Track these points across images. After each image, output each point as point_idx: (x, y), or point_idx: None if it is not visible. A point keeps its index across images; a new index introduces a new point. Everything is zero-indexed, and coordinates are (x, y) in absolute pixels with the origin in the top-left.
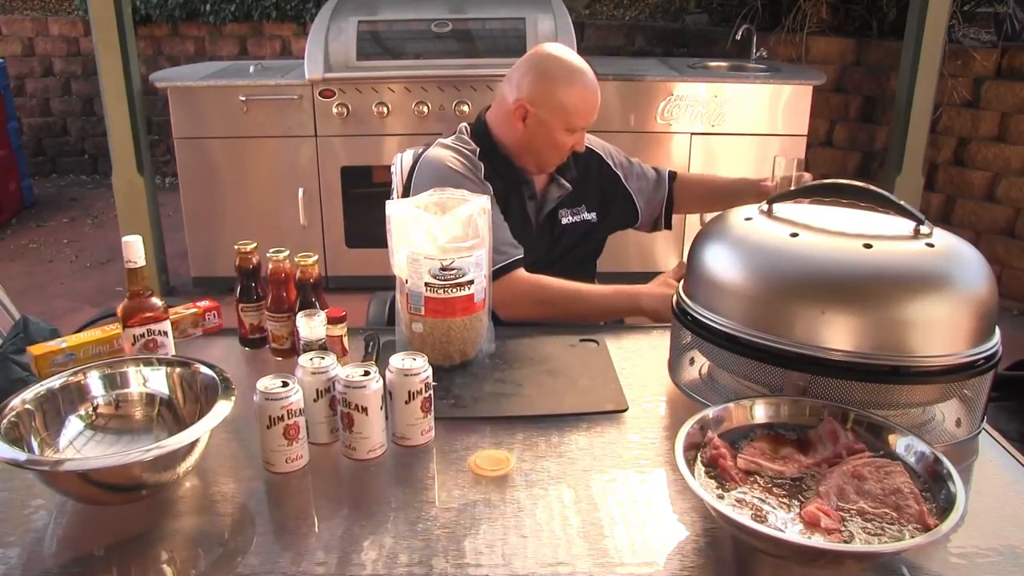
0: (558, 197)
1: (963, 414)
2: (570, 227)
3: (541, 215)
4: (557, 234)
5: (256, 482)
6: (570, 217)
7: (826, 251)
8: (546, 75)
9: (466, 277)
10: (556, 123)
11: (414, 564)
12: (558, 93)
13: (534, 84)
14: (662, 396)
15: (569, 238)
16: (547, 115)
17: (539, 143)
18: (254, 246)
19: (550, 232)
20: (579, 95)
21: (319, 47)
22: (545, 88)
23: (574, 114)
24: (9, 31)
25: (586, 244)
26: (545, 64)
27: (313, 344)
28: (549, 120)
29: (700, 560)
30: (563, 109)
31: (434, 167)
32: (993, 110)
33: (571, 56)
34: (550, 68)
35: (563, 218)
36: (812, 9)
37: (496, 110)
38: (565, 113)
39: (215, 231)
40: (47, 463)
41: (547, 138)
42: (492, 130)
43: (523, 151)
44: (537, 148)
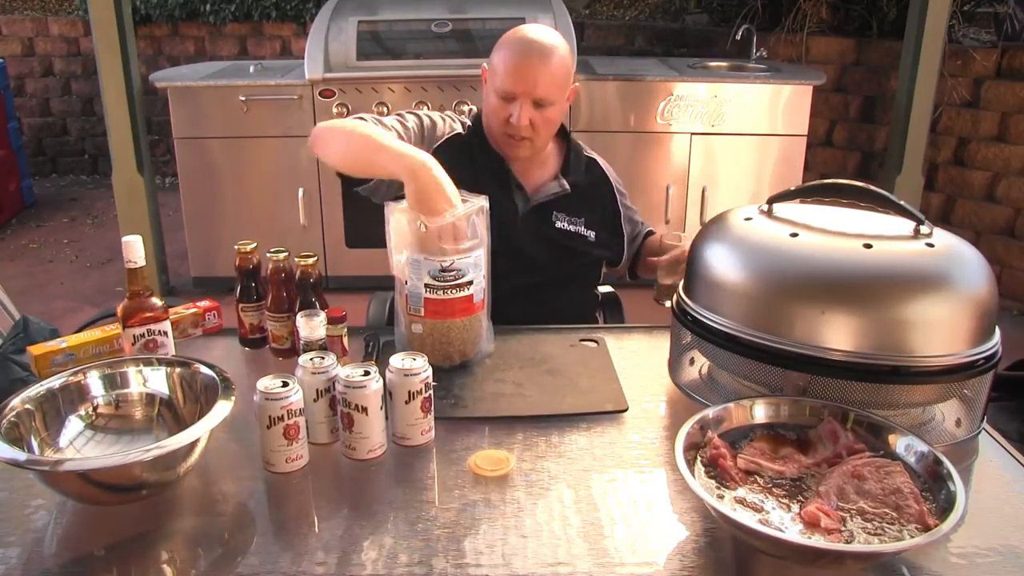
0: (554, 195)
1: (963, 414)
2: (564, 232)
3: (528, 206)
4: (549, 234)
5: (256, 482)
6: (566, 224)
7: (826, 251)
8: (502, 37)
9: (466, 278)
10: (491, 83)
11: (414, 564)
12: (495, 52)
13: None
14: (662, 396)
15: (563, 243)
16: (489, 74)
17: (487, 107)
18: (254, 246)
19: (539, 230)
20: (505, 56)
21: (319, 47)
22: (494, 49)
23: (499, 75)
24: (9, 31)
25: (581, 259)
26: (511, 30)
27: (313, 344)
28: (489, 80)
29: (700, 560)
30: (493, 67)
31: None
32: (993, 110)
33: (532, 28)
34: (508, 31)
35: (557, 221)
36: (812, 9)
37: None
38: (494, 72)
39: (215, 231)
40: (47, 463)
41: (489, 100)
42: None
43: (484, 119)
44: (487, 113)
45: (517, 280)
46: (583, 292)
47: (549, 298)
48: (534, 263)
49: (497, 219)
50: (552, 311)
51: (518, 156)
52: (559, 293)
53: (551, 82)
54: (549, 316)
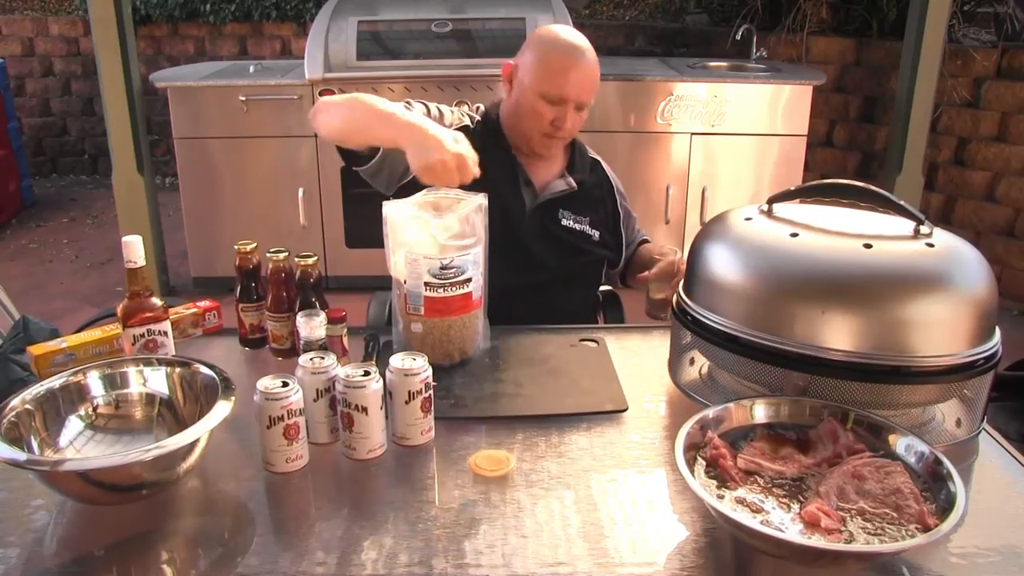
0: (561, 192)
1: (963, 414)
2: (569, 231)
3: (535, 203)
4: (556, 232)
5: (256, 482)
6: (571, 222)
7: (826, 251)
8: (533, 37)
9: (465, 275)
10: (530, 83)
11: (414, 564)
12: (535, 52)
13: (524, 48)
14: (662, 396)
15: (568, 241)
16: (524, 74)
17: (522, 109)
18: (254, 246)
19: (544, 225)
20: (549, 57)
21: (319, 47)
22: (528, 47)
23: (542, 78)
24: (9, 31)
25: (586, 257)
26: (539, 32)
27: (313, 344)
28: (524, 79)
29: (700, 560)
30: (534, 71)
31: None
32: (993, 110)
33: (564, 30)
34: (539, 32)
35: (563, 219)
36: (812, 9)
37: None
38: (536, 76)
39: (215, 231)
40: (47, 463)
41: (527, 104)
42: (500, 108)
43: (512, 119)
44: (520, 114)
45: (522, 278)
46: (586, 291)
47: (552, 296)
48: (540, 260)
49: (505, 215)
50: (555, 309)
51: (548, 154)
52: (563, 291)
53: (593, 85)
54: (552, 314)
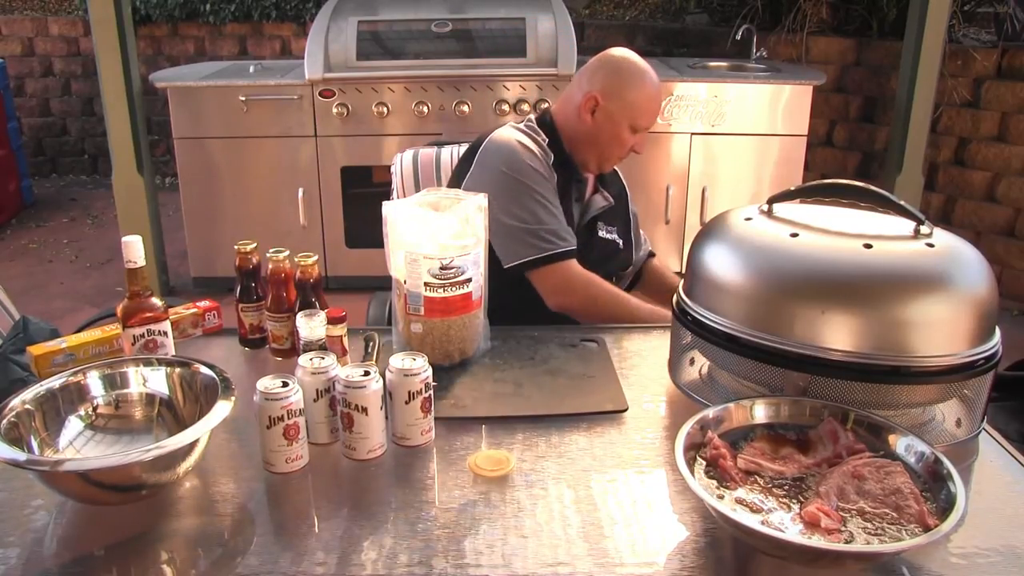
0: (600, 208)
1: (963, 414)
2: (603, 242)
3: (584, 220)
4: (595, 244)
5: (256, 482)
6: (606, 232)
7: (826, 251)
8: (618, 72)
9: (465, 275)
10: (622, 118)
11: (414, 564)
12: (628, 89)
13: (606, 79)
14: (662, 396)
15: (603, 252)
16: (615, 109)
17: (604, 137)
18: (254, 246)
19: (588, 241)
20: (647, 95)
21: (319, 47)
22: (616, 83)
23: (640, 113)
24: (9, 31)
25: (614, 263)
26: (619, 63)
27: (313, 344)
28: (616, 114)
29: (700, 560)
30: (630, 106)
31: (506, 144)
32: (993, 110)
33: (640, 60)
34: (623, 66)
35: (600, 230)
36: (812, 9)
37: (563, 105)
38: (631, 110)
39: (215, 231)
40: (47, 463)
41: (612, 132)
42: (558, 124)
43: (587, 144)
44: (602, 142)
45: None
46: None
47: None
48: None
49: None
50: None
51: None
52: None
53: None
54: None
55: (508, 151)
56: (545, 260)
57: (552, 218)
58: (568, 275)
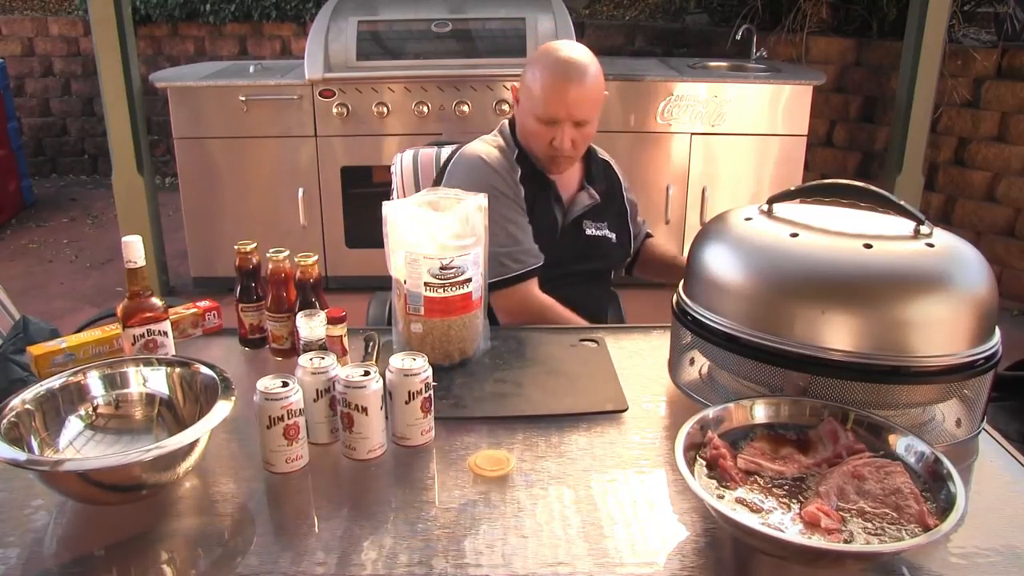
0: (586, 206)
1: (963, 414)
2: (593, 240)
3: (567, 221)
4: (582, 243)
5: (256, 482)
6: (594, 230)
7: (826, 251)
8: (532, 57)
9: (465, 275)
10: (527, 106)
11: (414, 564)
12: (528, 75)
13: (523, 69)
14: (662, 396)
15: (593, 251)
16: (523, 96)
17: (525, 130)
18: (254, 246)
19: (574, 241)
20: (542, 80)
21: (319, 47)
22: (526, 69)
23: (537, 101)
24: (9, 31)
25: (606, 260)
26: (537, 52)
27: (313, 344)
28: (524, 103)
29: (700, 560)
30: (528, 91)
31: (472, 162)
32: (993, 110)
33: (564, 47)
34: (538, 51)
35: (587, 229)
36: (812, 9)
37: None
38: (531, 98)
39: (215, 231)
40: (47, 463)
41: (524, 124)
42: (516, 128)
43: (521, 138)
44: (525, 135)
45: (547, 285)
46: (602, 290)
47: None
48: (567, 270)
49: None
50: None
51: (559, 172)
52: (583, 293)
53: (590, 102)
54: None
55: (469, 170)
56: (499, 284)
57: (511, 239)
58: (522, 298)
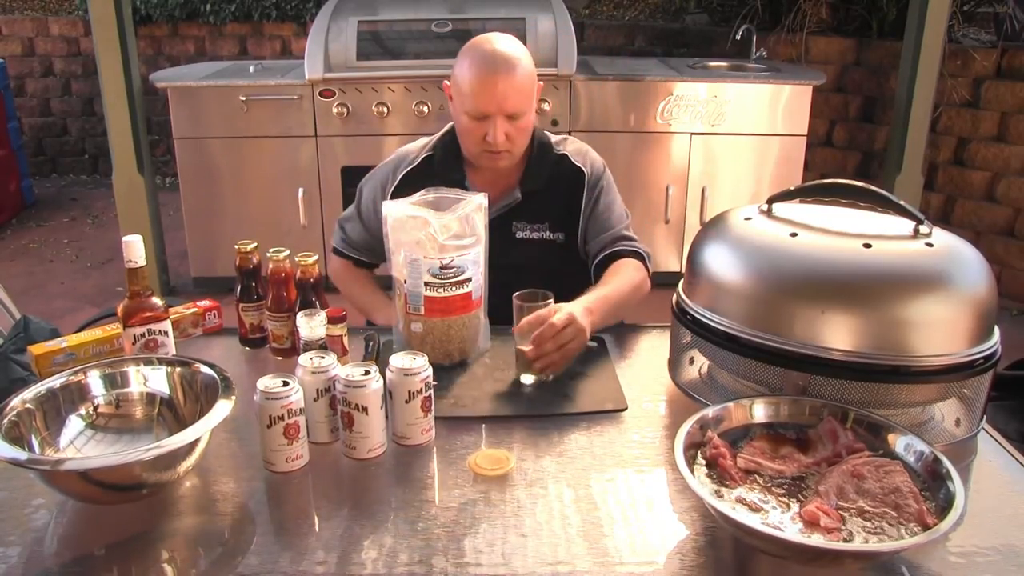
0: (506, 206)
1: (962, 414)
2: (526, 242)
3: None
4: (510, 245)
5: (256, 482)
6: (527, 232)
7: (826, 251)
8: (460, 52)
9: (465, 275)
10: (458, 102)
11: (414, 563)
12: (458, 69)
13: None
14: (662, 396)
15: (526, 252)
16: (454, 93)
17: (459, 126)
18: (254, 246)
19: (500, 240)
20: (469, 75)
21: (319, 47)
22: (455, 64)
23: (464, 95)
24: (9, 31)
25: (548, 262)
26: (468, 43)
27: (313, 344)
28: (455, 99)
29: (700, 560)
30: (459, 87)
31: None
32: (993, 110)
33: (492, 39)
34: (466, 46)
35: (517, 231)
36: (812, 9)
37: None
38: (459, 91)
39: (215, 231)
40: (48, 462)
41: (459, 120)
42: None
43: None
44: (459, 133)
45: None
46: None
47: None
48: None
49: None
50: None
51: (499, 168)
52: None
53: (519, 94)
54: None
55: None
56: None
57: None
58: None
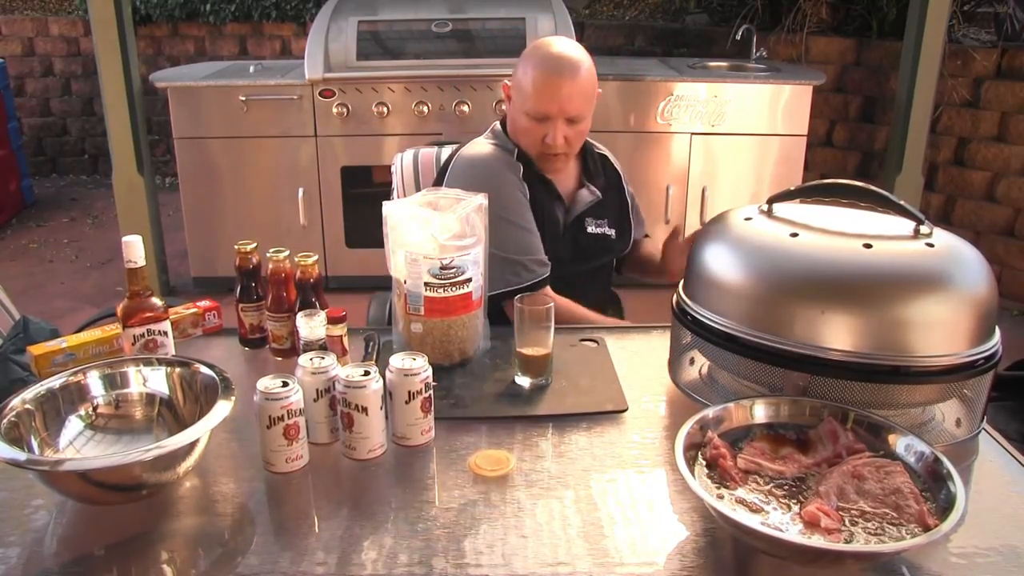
0: (587, 203)
1: (963, 414)
2: (594, 238)
3: (569, 219)
4: (583, 242)
5: (256, 482)
6: (595, 228)
7: (826, 251)
8: (523, 53)
9: (465, 275)
10: (519, 102)
11: (414, 564)
12: (520, 70)
13: (516, 62)
14: (662, 396)
15: (593, 248)
16: (515, 93)
17: (516, 128)
18: (254, 246)
19: (575, 239)
20: (532, 76)
21: (319, 47)
22: (517, 65)
23: (525, 96)
24: (9, 31)
25: (606, 257)
26: (530, 44)
27: (313, 344)
28: (516, 99)
29: (700, 560)
30: (520, 87)
31: (474, 163)
32: (993, 110)
33: (556, 43)
34: (529, 47)
35: (589, 227)
36: (812, 9)
37: None
38: (520, 93)
39: (215, 231)
40: (47, 463)
41: (518, 120)
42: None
43: (514, 136)
44: (516, 133)
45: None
46: (602, 287)
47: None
48: (567, 270)
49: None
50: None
51: (555, 170)
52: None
53: (582, 98)
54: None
55: (474, 171)
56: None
57: (524, 246)
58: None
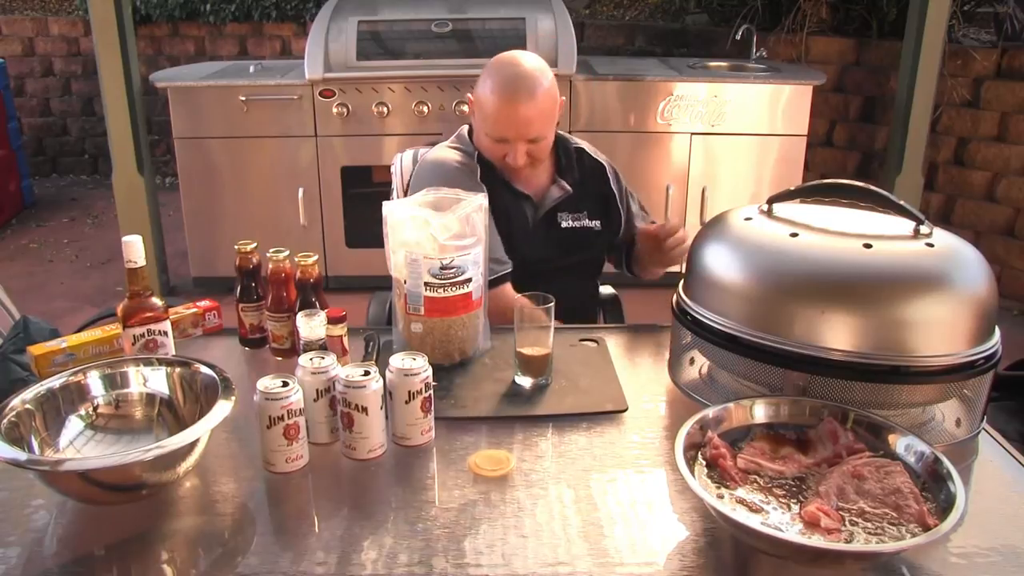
0: (557, 198)
1: (963, 414)
2: (570, 231)
3: (538, 216)
4: (556, 237)
5: (256, 482)
6: (570, 221)
7: (826, 251)
8: (484, 70)
9: (465, 275)
10: (480, 121)
11: (414, 564)
12: (480, 89)
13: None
14: (662, 396)
15: (570, 242)
16: (477, 110)
17: (479, 142)
18: (254, 246)
19: (549, 235)
20: (491, 100)
21: (319, 47)
22: (478, 81)
23: (486, 116)
24: (9, 31)
25: (589, 250)
26: (491, 62)
27: (313, 344)
28: (477, 116)
29: (700, 560)
30: (480, 106)
31: (432, 166)
32: (993, 110)
33: (515, 60)
34: (489, 64)
35: (563, 222)
36: (812, 9)
37: None
38: (481, 112)
39: (215, 231)
40: (47, 463)
41: (480, 138)
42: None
43: (477, 146)
44: (479, 146)
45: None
46: (585, 283)
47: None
48: (544, 266)
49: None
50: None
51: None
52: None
53: (541, 120)
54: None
55: (433, 173)
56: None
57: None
58: (504, 300)
